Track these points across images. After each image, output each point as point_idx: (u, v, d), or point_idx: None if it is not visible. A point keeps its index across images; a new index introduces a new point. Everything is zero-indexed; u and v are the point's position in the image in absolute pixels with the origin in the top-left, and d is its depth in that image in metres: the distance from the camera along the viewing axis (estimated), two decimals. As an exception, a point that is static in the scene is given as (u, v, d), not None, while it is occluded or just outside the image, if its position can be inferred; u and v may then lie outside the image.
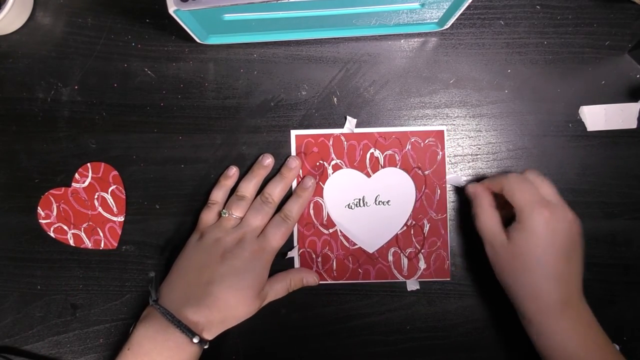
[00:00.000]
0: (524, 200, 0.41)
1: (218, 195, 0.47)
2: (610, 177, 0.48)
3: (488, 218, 0.43)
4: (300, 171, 0.48)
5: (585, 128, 0.48)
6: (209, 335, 0.41)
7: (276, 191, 0.46)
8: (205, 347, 0.41)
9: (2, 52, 0.49)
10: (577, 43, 0.48)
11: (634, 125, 0.48)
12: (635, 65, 0.48)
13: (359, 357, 0.48)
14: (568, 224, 0.41)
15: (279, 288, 0.45)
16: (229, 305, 0.41)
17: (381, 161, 0.48)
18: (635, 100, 0.48)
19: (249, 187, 0.47)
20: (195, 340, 0.39)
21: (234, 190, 0.48)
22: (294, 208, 0.46)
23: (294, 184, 0.48)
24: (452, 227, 0.48)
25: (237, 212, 0.46)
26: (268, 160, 0.48)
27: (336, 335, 0.48)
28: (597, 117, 0.48)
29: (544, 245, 0.40)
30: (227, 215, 0.45)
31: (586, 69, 0.48)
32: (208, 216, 0.46)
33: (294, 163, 0.47)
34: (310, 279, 0.47)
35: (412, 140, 0.48)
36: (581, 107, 0.48)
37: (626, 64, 0.48)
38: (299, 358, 0.48)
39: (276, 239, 0.45)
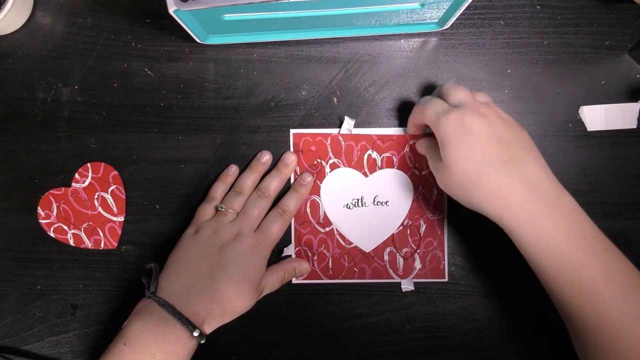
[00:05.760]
0: (430, 115, 0.39)
1: (217, 191, 0.47)
2: (610, 177, 0.48)
3: (429, 155, 0.42)
4: (297, 168, 0.48)
5: (585, 128, 0.48)
6: (208, 329, 0.41)
7: (272, 186, 0.46)
8: (202, 342, 0.41)
9: (2, 52, 0.49)
10: (577, 43, 0.48)
11: (634, 125, 0.48)
12: (635, 65, 0.48)
13: (359, 357, 0.48)
14: (480, 116, 0.37)
15: (275, 280, 0.46)
16: (229, 297, 0.41)
17: (379, 163, 0.48)
18: (635, 100, 0.48)
19: (246, 183, 0.47)
20: (196, 333, 0.39)
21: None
22: (291, 203, 0.46)
23: (291, 180, 0.48)
24: (452, 227, 0.48)
25: (233, 207, 0.46)
26: (266, 157, 0.48)
27: (336, 335, 0.48)
28: (597, 117, 0.48)
29: (466, 142, 0.37)
30: (223, 209, 0.45)
31: (586, 69, 0.48)
32: (205, 211, 0.46)
33: (290, 158, 0.47)
34: (302, 267, 0.47)
35: (411, 143, 0.48)
36: (581, 107, 0.48)
37: (626, 64, 0.48)
38: (299, 358, 0.48)
39: (273, 233, 0.45)
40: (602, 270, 0.35)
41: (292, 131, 0.48)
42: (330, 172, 0.48)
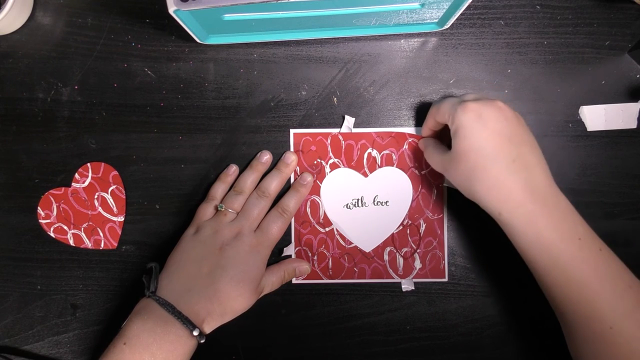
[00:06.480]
0: (447, 107, 0.40)
1: (217, 190, 0.47)
2: (610, 177, 0.48)
3: (432, 148, 0.44)
4: (298, 168, 0.48)
5: (585, 128, 0.48)
6: (208, 329, 0.41)
7: (272, 186, 0.46)
8: (202, 341, 0.41)
9: (2, 52, 0.49)
10: (577, 43, 0.48)
11: (634, 125, 0.48)
12: (635, 65, 0.48)
13: (359, 357, 0.48)
14: (497, 109, 0.38)
15: (274, 280, 0.46)
16: (229, 297, 0.41)
17: (378, 161, 0.48)
18: (635, 100, 0.48)
19: (246, 183, 0.47)
20: (195, 332, 0.39)
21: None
22: (291, 202, 0.47)
23: (291, 179, 0.48)
24: (452, 228, 0.48)
25: (233, 206, 0.46)
26: (266, 157, 0.48)
27: (336, 335, 0.48)
28: (597, 117, 0.48)
29: (480, 136, 0.38)
30: (223, 209, 0.45)
31: (586, 69, 0.48)
32: (205, 211, 0.46)
33: (290, 158, 0.47)
34: (302, 267, 0.47)
35: (410, 140, 0.48)
36: (581, 107, 0.48)
37: (626, 64, 0.48)
38: (299, 358, 0.48)
39: (273, 233, 0.45)
40: (596, 268, 0.36)
41: (292, 131, 0.48)
42: (330, 172, 0.48)
